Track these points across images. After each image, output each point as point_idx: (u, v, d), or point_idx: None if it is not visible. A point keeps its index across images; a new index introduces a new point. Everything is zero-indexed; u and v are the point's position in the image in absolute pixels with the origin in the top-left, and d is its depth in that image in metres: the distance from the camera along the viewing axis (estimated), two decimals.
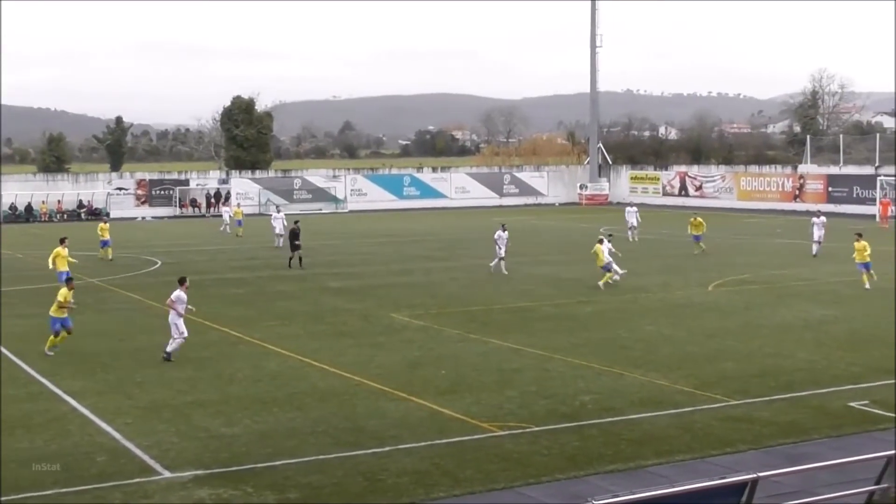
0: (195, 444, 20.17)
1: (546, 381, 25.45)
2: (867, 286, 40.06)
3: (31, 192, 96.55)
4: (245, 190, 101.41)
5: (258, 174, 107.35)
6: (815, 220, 54.10)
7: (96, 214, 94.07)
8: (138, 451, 19.72)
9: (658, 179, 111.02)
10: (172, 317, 28.33)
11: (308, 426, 21.42)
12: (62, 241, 42.28)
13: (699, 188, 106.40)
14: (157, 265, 53.19)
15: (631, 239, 61.13)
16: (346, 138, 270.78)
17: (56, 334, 29.12)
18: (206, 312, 36.36)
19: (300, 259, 50.71)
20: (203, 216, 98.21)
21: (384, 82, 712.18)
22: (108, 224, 56.99)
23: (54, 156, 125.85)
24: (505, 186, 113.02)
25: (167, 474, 18.38)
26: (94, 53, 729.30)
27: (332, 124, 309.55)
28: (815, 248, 52.93)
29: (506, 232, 48.23)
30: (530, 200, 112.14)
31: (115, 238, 58.14)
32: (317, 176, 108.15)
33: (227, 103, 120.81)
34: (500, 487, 17.57)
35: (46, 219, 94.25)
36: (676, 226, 69.07)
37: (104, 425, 21.66)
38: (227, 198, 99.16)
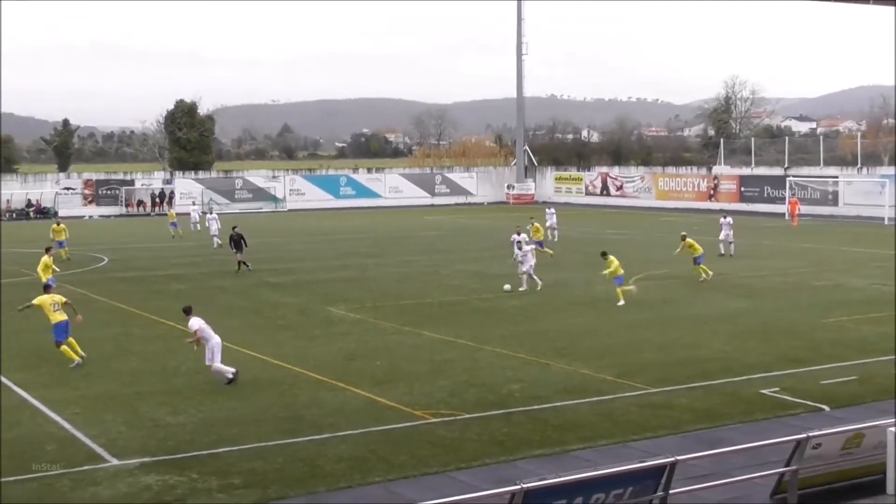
0: (142, 433, 20.03)
1: (476, 371, 25.52)
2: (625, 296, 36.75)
3: None
4: (188, 190, 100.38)
5: (201, 175, 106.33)
6: (722, 220, 53.91)
7: (44, 213, 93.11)
8: (87, 440, 19.54)
9: (581, 180, 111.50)
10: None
11: (250, 415, 21.33)
12: (47, 250, 40.51)
13: (620, 188, 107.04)
14: (104, 262, 52.58)
15: (550, 237, 61.06)
16: (285, 140, 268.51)
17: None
18: (151, 307, 36.20)
19: (245, 262, 47.02)
20: (148, 215, 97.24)
21: (321, 87, 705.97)
22: (62, 225, 55.70)
23: (3, 157, 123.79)
24: (436, 186, 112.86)
25: (115, 462, 18.24)
26: (42, 57, 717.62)
27: (272, 127, 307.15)
28: (721, 247, 52.08)
29: (521, 235, 44.35)
30: (461, 200, 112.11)
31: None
32: (257, 176, 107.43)
33: (171, 107, 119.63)
34: (432, 472, 17.62)
35: None
36: (598, 224, 69.59)
37: (54, 415, 21.44)
38: (172, 198, 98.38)
